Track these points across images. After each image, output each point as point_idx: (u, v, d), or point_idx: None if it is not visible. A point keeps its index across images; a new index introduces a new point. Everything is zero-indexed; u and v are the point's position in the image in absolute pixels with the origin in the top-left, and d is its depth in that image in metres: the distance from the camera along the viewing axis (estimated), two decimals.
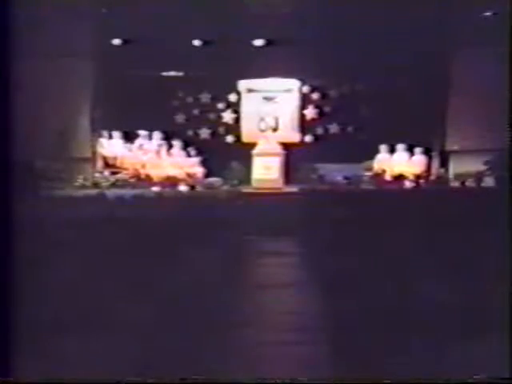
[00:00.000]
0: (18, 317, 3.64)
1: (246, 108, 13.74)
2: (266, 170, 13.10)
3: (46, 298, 4.78)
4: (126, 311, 4.69)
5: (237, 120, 13.77)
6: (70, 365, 3.97)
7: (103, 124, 13.66)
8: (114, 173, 13.34)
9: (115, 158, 13.53)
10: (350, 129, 13.65)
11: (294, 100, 13.74)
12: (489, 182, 12.60)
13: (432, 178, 13.34)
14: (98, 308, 4.72)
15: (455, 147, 13.41)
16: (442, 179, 13.25)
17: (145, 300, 4.97)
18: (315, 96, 13.71)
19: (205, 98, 13.71)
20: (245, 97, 13.74)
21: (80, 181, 12.99)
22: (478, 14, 12.33)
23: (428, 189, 12.93)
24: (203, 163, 13.52)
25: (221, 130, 13.78)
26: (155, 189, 12.67)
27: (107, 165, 13.55)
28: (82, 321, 4.52)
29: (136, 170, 13.36)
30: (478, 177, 12.79)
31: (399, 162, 13.38)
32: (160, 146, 13.56)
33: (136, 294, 5.06)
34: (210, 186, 13.02)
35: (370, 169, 13.35)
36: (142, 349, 4.25)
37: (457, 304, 4.74)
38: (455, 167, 13.42)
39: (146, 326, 4.54)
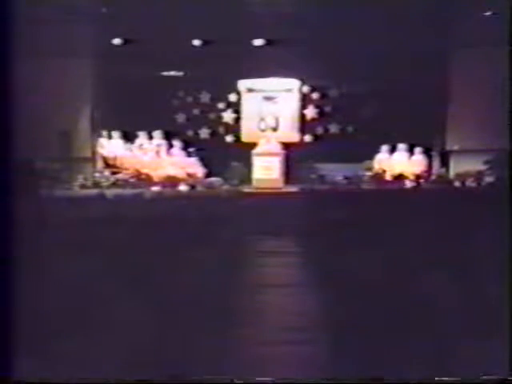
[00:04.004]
0: (19, 317, 3.64)
1: (246, 108, 13.75)
2: (266, 170, 13.09)
3: (47, 297, 4.78)
4: (127, 311, 4.69)
5: (237, 120, 13.78)
6: (70, 365, 3.97)
7: (103, 124, 13.67)
8: (114, 173, 13.34)
9: (115, 158, 13.54)
10: (350, 129, 13.66)
11: (294, 100, 13.74)
12: (489, 181, 12.60)
13: (432, 177, 13.35)
14: (99, 308, 4.72)
15: (455, 147, 13.43)
16: (443, 179, 13.26)
17: (145, 300, 4.97)
18: (315, 96, 13.72)
19: (205, 97, 13.73)
20: (245, 97, 13.74)
21: (80, 181, 12.99)
22: (478, 13, 12.33)
23: (428, 189, 12.93)
24: (203, 163, 13.52)
25: (221, 129, 13.79)
26: (155, 189, 12.67)
27: (107, 165, 13.56)
28: (83, 321, 4.52)
29: (136, 169, 13.36)
30: (478, 177, 12.79)
31: (399, 162, 13.38)
32: (159, 145, 13.57)
33: (136, 293, 5.06)
34: (211, 186, 13.02)
35: (370, 169, 13.35)
36: (142, 349, 4.25)
37: (457, 304, 4.74)
38: (455, 167, 13.43)
39: (146, 326, 4.54)
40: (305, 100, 13.75)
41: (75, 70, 13.13)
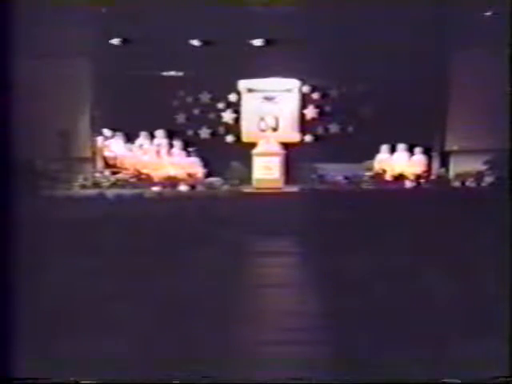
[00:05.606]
0: (18, 317, 3.64)
1: (246, 108, 13.74)
2: (266, 170, 13.09)
3: (46, 298, 4.79)
4: (126, 311, 4.70)
5: (237, 120, 13.78)
6: (70, 365, 3.97)
7: (103, 124, 13.67)
8: (114, 173, 13.34)
9: (115, 158, 13.54)
10: (350, 129, 13.66)
11: (294, 100, 13.74)
12: (489, 181, 12.60)
13: (432, 177, 13.35)
14: (98, 308, 4.72)
15: (455, 147, 13.43)
16: (442, 179, 13.26)
17: (145, 300, 4.97)
18: (315, 96, 13.72)
19: (205, 97, 13.73)
20: (245, 97, 13.74)
21: (80, 181, 12.99)
22: (478, 13, 12.33)
23: (428, 189, 12.93)
24: (203, 163, 13.53)
25: (221, 129, 13.79)
26: (155, 189, 12.67)
27: (107, 165, 13.56)
28: (83, 321, 4.52)
29: (136, 169, 13.36)
30: (478, 177, 12.79)
31: (399, 162, 13.39)
32: (159, 145, 13.57)
33: (136, 293, 5.06)
34: (211, 186, 13.02)
35: (370, 169, 13.35)
36: (141, 349, 4.25)
37: (457, 304, 4.74)
38: (455, 167, 13.43)
39: (146, 326, 4.54)
40: (305, 100, 13.75)
41: (75, 70, 13.12)
